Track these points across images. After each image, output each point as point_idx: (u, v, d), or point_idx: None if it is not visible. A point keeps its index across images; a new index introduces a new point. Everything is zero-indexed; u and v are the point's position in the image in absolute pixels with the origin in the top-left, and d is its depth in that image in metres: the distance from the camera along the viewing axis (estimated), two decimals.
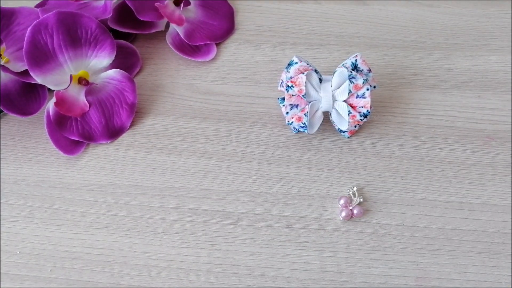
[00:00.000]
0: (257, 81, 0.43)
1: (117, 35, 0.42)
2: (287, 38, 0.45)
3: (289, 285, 0.33)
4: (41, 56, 0.38)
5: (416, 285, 0.33)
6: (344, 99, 0.36)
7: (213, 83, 0.43)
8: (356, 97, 0.36)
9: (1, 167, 0.39)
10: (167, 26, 0.45)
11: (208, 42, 0.44)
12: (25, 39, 0.37)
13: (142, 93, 0.43)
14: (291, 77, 0.37)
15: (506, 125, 0.39)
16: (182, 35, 0.43)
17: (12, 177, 0.38)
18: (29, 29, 0.37)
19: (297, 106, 0.37)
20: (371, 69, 0.38)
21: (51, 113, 0.39)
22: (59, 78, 0.39)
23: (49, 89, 0.40)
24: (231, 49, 0.45)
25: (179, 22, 0.43)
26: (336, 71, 0.37)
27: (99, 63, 0.40)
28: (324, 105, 0.37)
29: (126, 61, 0.43)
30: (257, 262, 0.34)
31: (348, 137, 0.39)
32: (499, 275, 0.33)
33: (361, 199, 0.36)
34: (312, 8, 0.47)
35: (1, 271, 0.34)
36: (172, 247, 0.35)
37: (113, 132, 0.40)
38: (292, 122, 0.38)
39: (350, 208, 0.35)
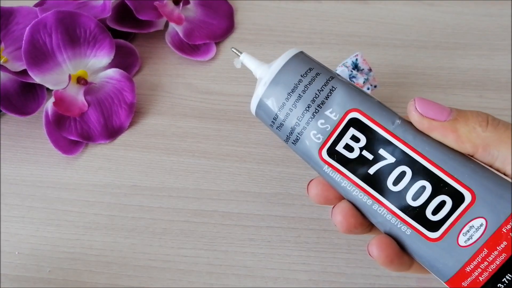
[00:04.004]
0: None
1: (116, 34, 0.42)
2: (287, 37, 0.45)
3: (289, 286, 0.33)
4: (39, 55, 0.38)
5: (418, 286, 0.33)
6: None
7: (212, 83, 0.43)
8: None
9: (0, 167, 0.39)
10: (166, 25, 0.45)
11: (208, 41, 0.44)
12: (24, 38, 0.37)
13: (141, 92, 0.42)
14: None
15: None
16: (181, 34, 0.43)
17: (11, 177, 0.38)
18: (27, 28, 0.37)
19: None
20: (372, 68, 0.37)
21: (49, 113, 0.39)
22: (57, 78, 0.39)
23: (47, 88, 0.40)
24: None
25: (178, 21, 0.43)
26: (336, 70, 0.36)
27: (98, 63, 0.40)
28: None
29: (125, 61, 0.43)
30: (257, 263, 0.34)
31: None
32: None
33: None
34: (313, 7, 0.47)
35: (0, 272, 0.34)
36: (171, 247, 0.35)
37: (112, 132, 0.40)
38: None
39: None
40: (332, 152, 0.24)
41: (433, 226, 0.22)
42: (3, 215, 0.37)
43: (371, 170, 0.23)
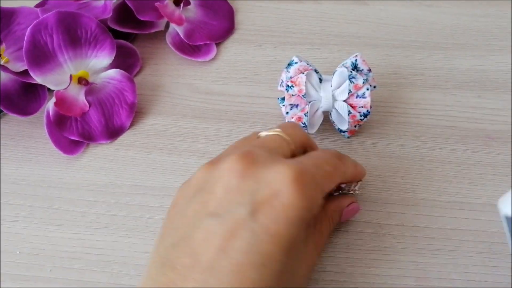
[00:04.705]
0: (257, 81, 0.43)
1: (117, 35, 0.42)
2: (287, 38, 0.45)
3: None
4: (41, 56, 0.38)
5: (416, 285, 0.33)
6: (344, 99, 0.36)
7: (213, 83, 0.43)
8: (356, 97, 0.36)
9: (1, 167, 0.39)
10: (167, 26, 0.45)
11: (208, 42, 0.44)
12: (25, 39, 0.37)
13: (142, 93, 0.43)
14: (291, 77, 0.37)
15: (507, 125, 0.39)
16: (182, 35, 0.43)
17: (12, 177, 0.38)
18: (29, 29, 0.37)
19: (297, 106, 0.37)
20: (371, 69, 0.38)
21: (51, 113, 0.39)
22: (59, 78, 0.39)
23: (49, 89, 0.40)
24: (231, 49, 0.45)
25: (179, 22, 0.43)
26: (336, 71, 0.37)
27: (99, 63, 0.40)
28: (324, 105, 0.37)
29: (126, 61, 0.43)
30: None
31: (348, 137, 0.39)
32: (499, 275, 0.33)
33: (358, 192, 0.34)
34: (312, 8, 0.47)
35: (1, 271, 0.34)
36: None
37: (112, 132, 0.40)
38: None
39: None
40: None
41: None
42: (4, 215, 0.37)
43: None
